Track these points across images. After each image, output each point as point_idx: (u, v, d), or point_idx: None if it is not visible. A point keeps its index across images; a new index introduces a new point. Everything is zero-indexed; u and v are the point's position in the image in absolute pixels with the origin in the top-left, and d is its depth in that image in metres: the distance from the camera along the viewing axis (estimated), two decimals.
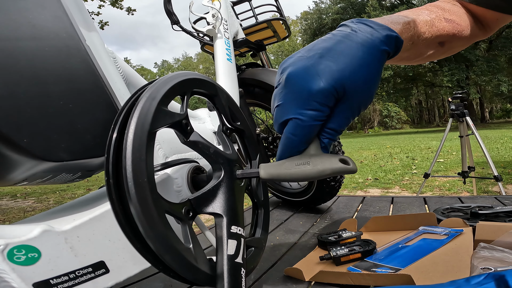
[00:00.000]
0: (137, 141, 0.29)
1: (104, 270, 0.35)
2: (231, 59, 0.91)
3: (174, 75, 0.37)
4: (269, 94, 1.08)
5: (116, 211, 0.30)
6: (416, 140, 9.44)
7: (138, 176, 0.28)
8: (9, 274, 0.29)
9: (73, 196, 4.30)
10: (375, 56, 0.35)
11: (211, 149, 0.38)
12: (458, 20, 0.53)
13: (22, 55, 0.35)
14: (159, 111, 0.32)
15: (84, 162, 0.38)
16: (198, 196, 0.35)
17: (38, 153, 0.34)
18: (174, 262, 0.30)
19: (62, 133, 0.36)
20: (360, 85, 0.34)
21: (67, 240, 0.33)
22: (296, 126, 0.35)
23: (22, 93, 0.34)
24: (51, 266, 0.31)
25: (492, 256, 0.48)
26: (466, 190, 2.93)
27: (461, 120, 2.35)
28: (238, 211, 0.38)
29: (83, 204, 0.42)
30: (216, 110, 0.45)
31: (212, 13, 0.92)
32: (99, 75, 0.41)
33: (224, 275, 0.32)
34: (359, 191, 3.34)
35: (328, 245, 0.65)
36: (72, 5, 0.42)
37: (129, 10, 7.48)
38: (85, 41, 0.41)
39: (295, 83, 0.35)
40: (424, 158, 5.25)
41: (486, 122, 21.12)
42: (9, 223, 1.05)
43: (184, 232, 0.33)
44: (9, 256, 0.29)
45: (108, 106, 0.41)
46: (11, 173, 0.36)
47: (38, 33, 0.37)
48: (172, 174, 0.44)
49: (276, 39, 1.29)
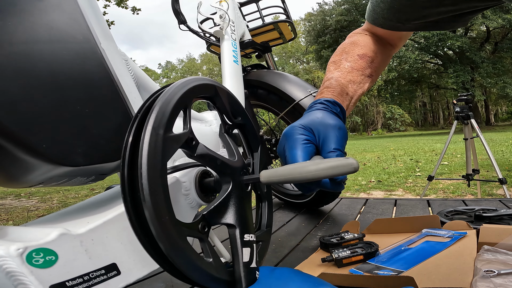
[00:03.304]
0: (152, 184, 0.30)
1: (116, 272, 0.36)
2: (237, 61, 0.91)
3: (173, 91, 0.35)
4: (273, 96, 1.08)
5: (137, 234, 0.31)
6: (420, 143, 9.39)
7: (162, 215, 0.30)
8: (28, 277, 0.29)
9: (76, 196, 4.32)
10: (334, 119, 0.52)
11: (218, 161, 0.39)
12: (368, 51, 0.66)
13: (40, 59, 0.35)
14: (166, 141, 0.32)
15: (99, 167, 0.39)
16: (211, 209, 0.37)
17: (55, 158, 0.34)
18: (200, 279, 0.32)
19: (79, 138, 0.36)
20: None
21: (82, 243, 0.34)
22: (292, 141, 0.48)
23: (41, 98, 0.34)
24: (67, 269, 0.32)
25: (495, 259, 0.47)
26: (470, 193, 2.90)
27: (466, 123, 2.34)
28: (248, 219, 0.40)
29: (95, 206, 0.42)
30: (217, 110, 0.45)
31: (219, 14, 0.93)
32: (113, 79, 0.41)
33: (242, 282, 0.36)
34: (362, 193, 3.32)
35: (330, 247, 0.65)
36: (87, 7, 0.42)
37: (134, 10, 7.52)
38: (101, 44, 0.41)
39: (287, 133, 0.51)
40: (428, 161, 5.22)
41: (491, 124, 20.97)
42: (12, 223, 1.05)
43: (204, 248, 0.35)
44: (28, 259, 0.30)
45: (122, 111, 0.41)
46: (28, 176, 0.36)
47: (56, 36, 0.36)
48: (181, 177, 0.45)
49: (282, 41, 1.29)
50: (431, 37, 16.06)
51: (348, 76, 0.62)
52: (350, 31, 5.00)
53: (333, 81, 0.61)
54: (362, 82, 0.64)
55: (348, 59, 0.65)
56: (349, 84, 0.61)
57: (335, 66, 0.65)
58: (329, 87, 0.60)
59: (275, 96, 1.08)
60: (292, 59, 34.31)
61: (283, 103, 1.05)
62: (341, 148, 0.47)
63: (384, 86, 20.43)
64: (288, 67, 31.66)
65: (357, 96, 0.63)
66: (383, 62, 0.70)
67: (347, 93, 0.60)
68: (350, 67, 0.63)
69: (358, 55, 0.65)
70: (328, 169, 0.36)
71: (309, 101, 1.00)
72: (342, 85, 0.60)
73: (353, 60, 0.64)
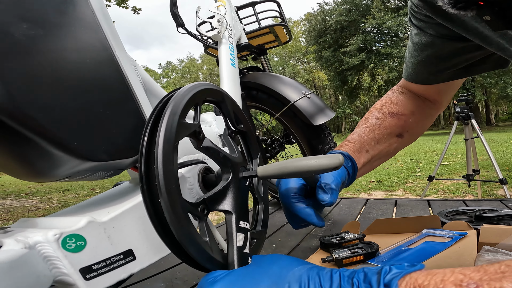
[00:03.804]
0: (166, 154, 0.33)
1: (132, 257, 0.40)
2: (234, 64, 0.94)
3: (189, 88, 0.41)
4: (269, 97, 1.10)
5: (149, 213, 0.34)
6: (421, 143, 9.39)
7: (170, 183, 0.33)
8: (62, 261, 0.33)
9: (76, 196, 4.33)
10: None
11: (221, 154, 0.43)
12: (401, 109, 0.64)
13: (68, 66, 0.38)
14: (180, 125, 0.36)
15: (118, 162, 0.43)
16: (211, 195, 0.40)
17: (84, 153, 0.38)
18: (197, 253, 0.35)
19: (102, 137, 0.41)
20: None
21: (106, 230, 0.38)
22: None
23: (70, 101, 0.38)
24: (93, 253, 0.36)
25: (496, 259, 0.47)
26: (471, 193, 2.90)
27: (466, 123, 2.34)
28: (244, 209, 0.43)
29: (109, 200, 0.47)
30: (222, 115, 0.49)
31: (217, 18, 0.94)
32: (128, 84, 0.46)
33: (235, 264, 0.37)
34: (362, 194, 3.32)
35: (331, 247, 0.65)
36: (101, 16, 0.45)
37: (135, 10, 7.52)
38: (115, 51, 0.45)
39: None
40: (428, 161, 5.22)
41: (491, 125, 20.95)
42: (13, 222, 1.05)
43: (201, 228, 0.38)
44: (63, 244, 0.33)
45: (135, 113, 0.46)
46: (57, 170, 0.40)
47: (80, 45, 0.41)
48: (185, 173, 0.48)
49: (277, 44, 1.32)
50: None
51: (372, 133, 0.61)
52: (350, 31, 5.01)
53: (355, 136, 0.61)
54: (388, 141, 0.62)
55: (378, 116, 0.64)
56: (372, 142, 0.60)
57: (364, 122, 0.64)
58: (349, 141, 0.60)
59: (270, 98, 1.09)
60: (293, 59, 34.32)
61: (278, 105, 1.07)
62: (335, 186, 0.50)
63: (384, 86, 20.42)
64: (289, 67, 31.65)
65: (380, 155, 0.62)
66: (421, 122, 0.67)
67: (366, 150, 0.59)
68: (377, 125, 0.62)
69: (389, 113, 0.64)
70: (318, 163, 0.39)
71: (303, 103, 1.01)
72: (363, 142, 0.60)
73: (382, 118, 0.63)
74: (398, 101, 0.66)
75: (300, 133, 1.06)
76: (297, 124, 1.05)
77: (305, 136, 1.05)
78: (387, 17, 18.04)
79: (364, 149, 0.59)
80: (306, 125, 1.03)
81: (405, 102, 0.66)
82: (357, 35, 19.45)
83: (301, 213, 0.49)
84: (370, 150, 0.60)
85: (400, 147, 0.66)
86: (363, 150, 0.59)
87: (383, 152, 0.62)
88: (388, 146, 0.63)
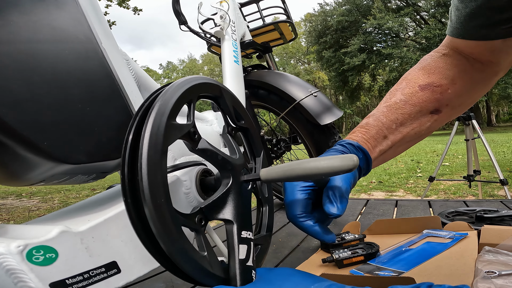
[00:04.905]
0: (151, 163, 0.29)
1: (116, 270, 0.36)
2: (238, 61, 0.91)
3: (181, 83, 0.36)
4: (274, 96, 1.08)
5: (136, 228, 0.31)
6: (421, 143, 9.37)
7: (157, 197, 0.29)
8: (27, 274, 0.29)
9: (77, 196, 4.33)
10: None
11: (219, 156, 0.39)
12: (437, 79, 0.53)
13: (42, 58, 0.35)
14: (169, 127, 0.32)
15: (100, 164, 0.39)
16: (209, 203, 0.36)
17: (57, 155, 0.34)
18: (193, 272, 0.31)
19: (80, 136, 0.37)
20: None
21: (83, 240, 0.34)
22: None
23: (43, 96, 0.34)
24: (67, 266, 0.32)
25: (496, 260, 0.47)
26: (472, 194, 2.90)
27: (467, 124, 2.33)
28: (247, 217, 0.40)
29: (96, 205, 0.42)
30: (221, 112, 0.45)
31: (220, 15, 0.93)
32: (114, 78, 0.42)
33: (237, 280, 0.34)
34: (362, 194, 3.32)
35: (331, 248, 0.65)
36: (88, 6, 0.42)
37: (136, 10, 7.52)
38: (102, 44, 0.41)
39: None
40: (429, 162, 5.21)
41: (492, 125, 20.91)
42: (13, 222, 1.05)
43: (199, 241, 0.34)
44: (28, 256, 0.30)
45: (122, 110, 0.42)
46: (29, 174, 0.36)
47: (58, 36, 0.37)
48: (181, 176, 0.45)
49: (283, 41, 1.29)
50: (433, 38, 16.03)
51: (394, 114, 0.52)
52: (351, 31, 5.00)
53: (370, 120, 0.52)
54: (418, 121, 0.53)
55: (405, 91, 0.53)
56: (393, 124, 0.51)
57: (387, 98, 0.54)
58: (363, 126, 0.52)
59: (275, 96, 1.08)
60: (293, 60, 34.30)
61: (283, 103, 1.05)
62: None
63: (385, 86, 20.41)
64: (289, 67, 31.65)
65: (406, 139, 0.53)
66: (467, 91, 0.54)
67: (384, 136, 0.51)
68: (403, 102, 0.52)
69: (419, 85, 0.53)
70: (328, 165, 0.35)
71: (309, 101, 1.00)
72: (380, 126, 0.51)
73: (410, 93, 0.53)
74: (435, 68, 0.54)
75: (306, 133, 1.04)
76: (303, 123, 1.02)
77: (311, 136, 1.03)
78: (388, 17, 18.00)
79: (381, 135, 0.51)
80: (313, 125, 1.00)
81: (444, 68, 0.54)
82: (358, 36, 19.42)
83: (309, 232, 0.44)
84: (390, 135, 0.51)
85: (435, 126, 0.55)
86: (380, 137, 0.51)
87: (410, 135, 0.53)
88: (418, 126, 0.53)
